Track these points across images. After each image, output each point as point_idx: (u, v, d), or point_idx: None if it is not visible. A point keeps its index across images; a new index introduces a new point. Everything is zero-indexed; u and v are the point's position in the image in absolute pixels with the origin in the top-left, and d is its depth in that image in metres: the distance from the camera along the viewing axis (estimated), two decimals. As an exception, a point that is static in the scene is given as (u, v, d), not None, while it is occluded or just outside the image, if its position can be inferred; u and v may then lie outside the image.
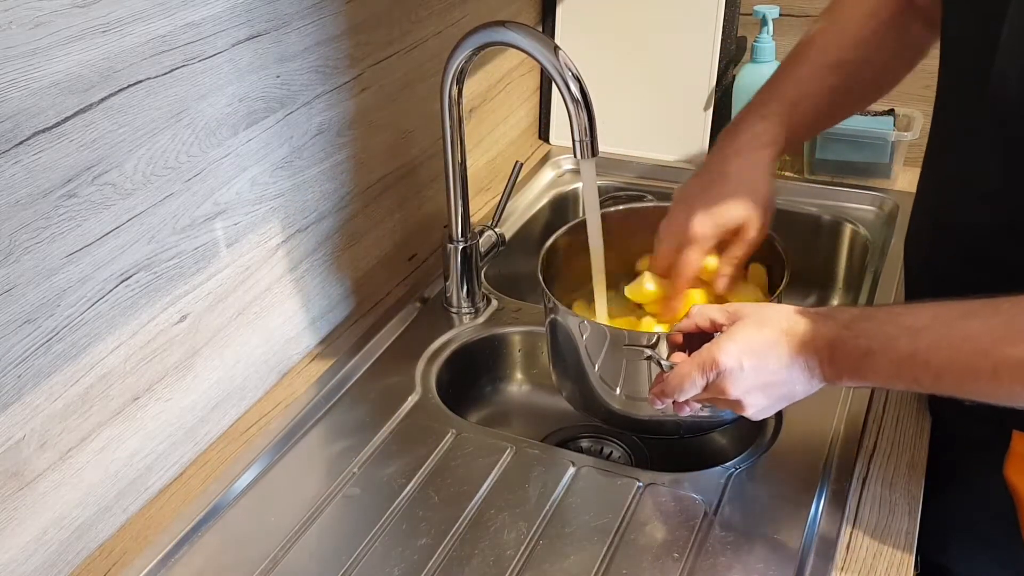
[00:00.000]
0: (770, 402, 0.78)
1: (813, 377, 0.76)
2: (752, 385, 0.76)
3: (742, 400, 0.77)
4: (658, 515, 0.86)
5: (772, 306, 0.80)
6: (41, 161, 0.72)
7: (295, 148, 1.00)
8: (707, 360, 0.77)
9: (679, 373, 0.79)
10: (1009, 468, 0.86)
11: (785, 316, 0.77)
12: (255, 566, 0.81)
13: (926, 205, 0.93)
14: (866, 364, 0.72)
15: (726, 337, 0.77)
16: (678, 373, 0.79)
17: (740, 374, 0.76)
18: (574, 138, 0.91)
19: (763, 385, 0.77)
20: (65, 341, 0.77)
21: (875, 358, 0.72)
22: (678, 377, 0.79)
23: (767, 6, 1.40)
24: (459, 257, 1.12)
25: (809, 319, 0.76)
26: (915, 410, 0.97)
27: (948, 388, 0.71)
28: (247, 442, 0.96)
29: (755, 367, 0.76)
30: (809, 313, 0.77)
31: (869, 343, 0.72)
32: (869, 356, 0.72)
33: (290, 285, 1.04)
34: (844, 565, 0.80)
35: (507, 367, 1.15)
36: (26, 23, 0.68)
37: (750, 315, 0.78)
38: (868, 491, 0.88)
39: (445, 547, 0.82)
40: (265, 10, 0.92)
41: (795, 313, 0.77)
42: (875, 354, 0.72)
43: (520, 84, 1.51)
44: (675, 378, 0.79)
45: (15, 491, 0.76)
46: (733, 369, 0.76)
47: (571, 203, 1.47)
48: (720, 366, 0.76)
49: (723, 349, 0.76)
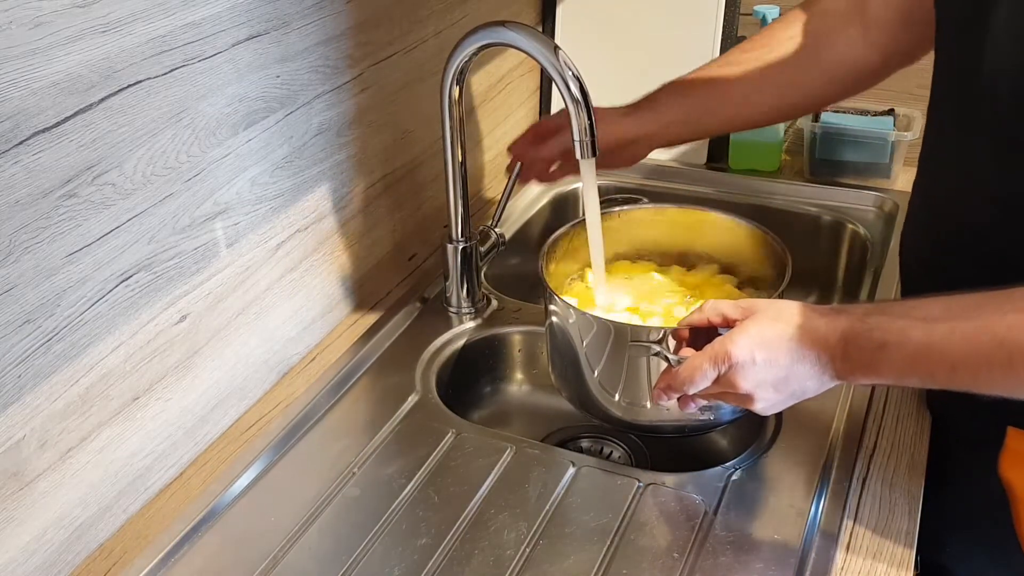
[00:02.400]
0: (781, 397, 0.78)
1: (825, 373, 0.75)
2: (763, 379, 0.76)
3: (753, 394, 0.77)
4: (658, 515, 0.86)
5: (785, 302, 0.80)
6: (41, 161, 0.72)
7: (295, 148, 1.00)
8: (720, 353, 0.77)
9: (690, 365, 0.79)
10: (1003, 464, 0.86)
11: (799, 311, 0.77)
12: (255, 566, 0.81)
13: (922, 203, 0.93)
14: (880, 358, 0.72)
15: (739, 331, 0.77)
16: (689, 365, 0.79)
17: (752, 368, 0.76)
18: (574, 138, 0.91)
19: (775, 380, 0.76)
20: (65, 341, 0.77)
21: (889, 351, 0.71)
22: (689, 369, 0.79)
23: (767, 6, 1.40)
24: (459, 257, 1.12)
25: (822, 314, 0.76)
26: (915, 410, 0.97)
27: (963, 381, 0.70)
28: (247, 442, 0.96)
29: (767, 361, 0.75)
30: (822, 308, 0.77)
31: (883, 336, 0.72)
32: (883, 349, 0.72)
33: (290, 285, 1.04)
34: (844, 565, 0.80)
35: (507, 367, 1.15)
36: (26, 23, 0.68)
37: (764, 310, 0.78)
38: (868, 491, 0.88)
39: (445, 547, 0.82)
40: (265, 10, 0.92)
41: (808, 308, 0.77)
42: (889, 347, 0.71)
43: (520, 84, 1.51)
44: (686, 370, 0.79)
45: (15, 491, 0.76)
46: (745, 362, 0.76)
47: (571, 203, 1.47)
48: (732, 359, 0.76)
49: (736, 342, 0.76)
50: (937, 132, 0.88)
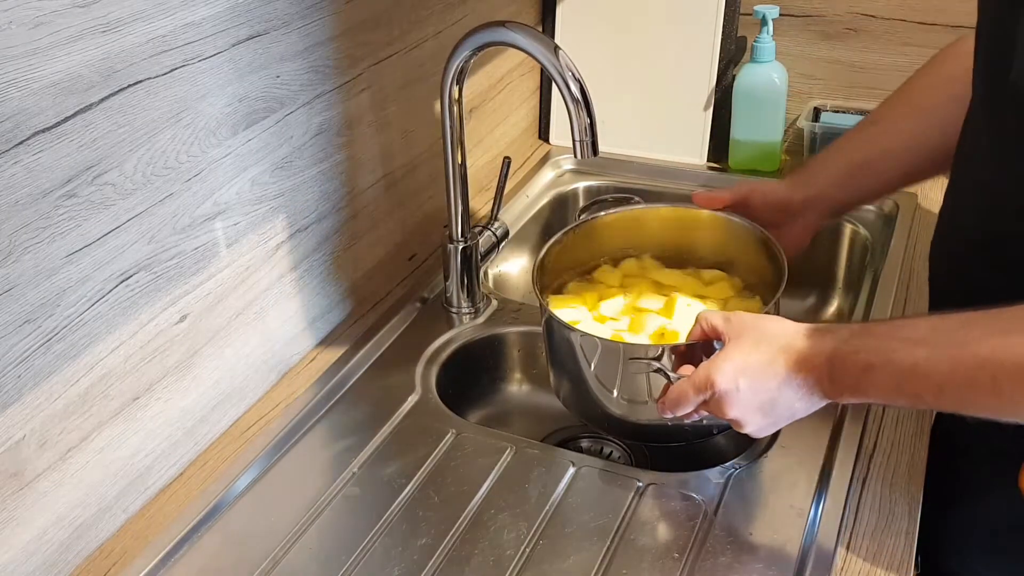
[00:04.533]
0: (769, 420, 0.78)
1: (813, 395, 0.75)
2: (749, 405, 0.77)
3: (740, 420, 0.78)
4: (658, 515, 0.86)
5: (772, 320, 0.80)
6: (41, 161, 0.72)
7: (295, 148, 1.00)
8: (703, 381, 0.78)
9: (676, 390, 0.81)
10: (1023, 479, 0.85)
11: (783, 333, 0.77)
12: (255, 566, 0.81)
13: (954, 215, 0.91)
14: (866, 379, 0.72)
15: (722, 357, 0.78)
16: (675, 391, 0.81)
17: (736, 395, 0.76)
18: (574, 138, 0.91)
19: (760, 404, 0.77)
20: (65, 341, 0.77)
21: (875, 373, 0.71)
22: (675, 394, 0.81)
23: (767, 6, 1.40)
24: (459, 257, 1.11)
25: (808, 335, 0.76)
26: (915, 410, 0.97)
27: (951, 403, 0.70)
28: (247, 442, 0.96)
29: (751, 387, 0.76)
30: (808, 329, 0.77)
31: (868, 357, 0.71)
32: (869, 371, 0.71)
33: (290, 285, 1.04)
34: (844, 565, 0.80)
35: (507, 367, 1.15)
36: (26, 23, 0.68)
37: (748, 332, 0.78)
38: (868, 491, 0.88)
39: (445, 547, 0.82)
40: (265, 10, 0.92)
41: (794, 330, 0.77)
42: (875, 369, 0.71)
43: (520, 84, 1.51)
44: (671, 395, 0.82)
45: (15, 491, 0.76)
46: (729, 390, 0.76)
47: (571, 203, 1.47)
48: (716, 387, 0.77)
49: (719, 369, 0.77)
50: (970, 143, 0.87)
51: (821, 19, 1.52)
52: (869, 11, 1.49)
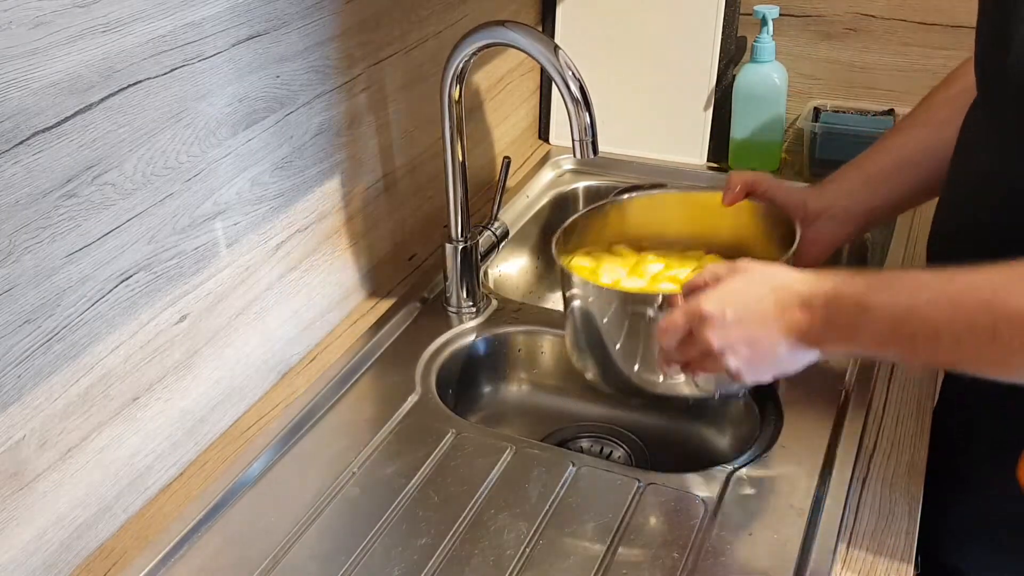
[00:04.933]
0: (753, 357, 0.77)
1: (801, 340, 0.75)
2: (735, 337, 0.76)
3: (724, 352, 0.77)
4: (658, 515, 0.86)
5: (773, 265, 0.80)
6: (41, 161, 0.72)
7: (295, 148, 1.01)
8: (692, 307, 0.78)
9: (667, 318, 0.81)
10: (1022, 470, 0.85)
11: (781, 273, 0.77)
12: (255, 566, 0.81)
13: (952, 205, 0.91)
14: (862, 321, 0.71)
15: (714, 287, 0.78)
16: (665, 319, 0.81)
17: (723, 323, 0.76)
18: (574, 138, 0.91)
19: (746, 339, 0.76)
20: (65, 341, 0.77)
21: (871, 314, 0.71)
22: (665, 322, 0.81)
23: (767, 6, 1.40)
24: (459, 257, 1.12)
25: (807, 278, 0.76)
26: (915, 410, 0.97)
27: (945, 351, 0.69)
28: (247, 442, 0.96)
29: (738, 318, 0.76)
30: (808, 273, 0.77)
31: (867, 298, 0.71)
32: (866, 312, 0.71)
33: (290, 285, 1.04)
34: (844, 565, 0.80)
35: (507, 367, 1.15)
36: (26, 23, 0.68)
37: (747, 271, 0.79)
38: (868, 491, 0.88)
39: (445, 547, 0.82)
40: (265, 10, 0.92)
41: (795, 272, 0.77)
42: (872, 310, 0.71)
43: (520, 84, 1.51)
44: (662, 323, 0.81)
45: (15, 491, 0.76)
46: (715, 316, 0.76)
47: (571, 203, 1.47)
48: (703, 312, 0.77)
49: (708, 297, 0.77)
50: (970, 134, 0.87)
51: (821, 19, 1.52)
52: (869, 11, 1.49)
